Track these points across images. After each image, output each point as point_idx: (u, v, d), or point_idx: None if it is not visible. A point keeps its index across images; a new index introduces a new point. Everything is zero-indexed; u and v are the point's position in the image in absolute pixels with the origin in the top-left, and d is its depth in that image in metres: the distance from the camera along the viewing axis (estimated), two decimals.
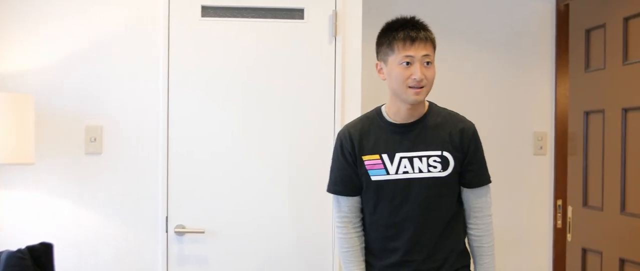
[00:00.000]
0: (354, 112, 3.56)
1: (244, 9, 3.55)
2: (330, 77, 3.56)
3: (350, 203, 2.71)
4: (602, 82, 3.83)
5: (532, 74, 4.37)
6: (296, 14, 3.56)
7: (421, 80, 2.52)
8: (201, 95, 3.54)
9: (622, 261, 3.64)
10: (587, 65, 4.00)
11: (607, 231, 3.76)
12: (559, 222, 4.29)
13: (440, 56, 4.47)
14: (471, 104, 4.20)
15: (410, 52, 2.53)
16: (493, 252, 2.72)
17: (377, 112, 2.71)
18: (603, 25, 3.83)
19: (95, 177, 3.52)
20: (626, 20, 3.62)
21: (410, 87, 2.53)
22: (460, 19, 4.33)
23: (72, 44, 3.50)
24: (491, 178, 2.74)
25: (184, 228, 3.51)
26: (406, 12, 4.26)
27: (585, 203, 4.00)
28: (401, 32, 2.55)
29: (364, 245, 2.74)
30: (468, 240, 2.75)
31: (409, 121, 2.64)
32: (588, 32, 3.99)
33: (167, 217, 3.51)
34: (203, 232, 3.51)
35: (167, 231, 3.51)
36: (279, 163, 3.56)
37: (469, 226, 2.72)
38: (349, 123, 2.76)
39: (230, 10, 3.55)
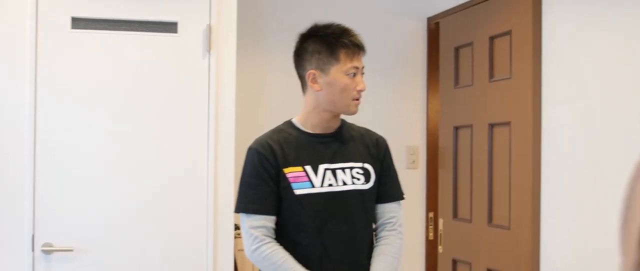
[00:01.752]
0: (228, 126, 3.55)
1: (115, 21, 3.48)
2: (204, 92, 3.53)
3: (268, 223, 2.37)
4: (470, 98, 3.97)
5: (405, 90, 4.48)
6: (170, 27, 3.52)
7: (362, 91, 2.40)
8: (71, 108, 3.44)
9: None
10: (457, 81, 4.13)
11: (476, 242, 3.88)
12: (431, 234, 4.40)
13: None
14: (346, 117, 4.25)
15: (357, 63, 2.39)
16: (393, 264, 2.43)
17: (289, 124, 2.49)
18: (471, 44, 3.97)
19: None
20: (492, 39, 3.76)
21: (353, 99, 2.39)
22: None
23: None
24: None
25: (51, 246, 3.39)
26: (281, 27, 4.31)
27: (455, 215, 4.12)
28: (346, 39, 2.39)
29: None
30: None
31: (328, 132, 2.47)
32: (457, 49, 4.12)
33: (33, 235, 3.38)
34: (72, 250, 3.40)
35: (33, 251, 3.37)
36: (151, 178, 3.50)
37: (379, 241, 2.48)
38: (261, 137, 2.47)
39: (101, 23, 3.47)
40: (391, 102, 4.46)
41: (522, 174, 3.48)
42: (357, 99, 2.41)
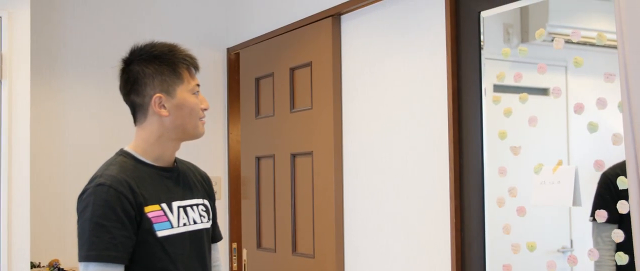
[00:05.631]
0: (23, 159, 3.34)
1: None
2: None
3: None
4: (271, 128, 4.01)
5: (206, 120, 4.44)
6: None
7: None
8: None
9: None
10: (258, 112, 4.16)
11: None
12: (235, 265, 4.38)
13: (113, 101, 4.35)
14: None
15: (197, 80, 2.19)
16: None
17: (130, 156, 2.17)
18: (271, 75, 4.01)
19: None
20: (292, 70, 3.83)
21: (200, 119, 2.20)
22: None
23: None
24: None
25: None
26: (78, 54, 4.13)
27: (259, 245, 4.13)
28: (183, 55, 2.18)
29: None
30: None
31: (170, 165, 2.23)
32: (258, 80, 4.16)
33: None
34: None
35: None
36: None
37: None
38: (109, 171, 2.09)
39: None
40: None
41: (325, 202, 3.56)
42: (202, 119, 2.24)
